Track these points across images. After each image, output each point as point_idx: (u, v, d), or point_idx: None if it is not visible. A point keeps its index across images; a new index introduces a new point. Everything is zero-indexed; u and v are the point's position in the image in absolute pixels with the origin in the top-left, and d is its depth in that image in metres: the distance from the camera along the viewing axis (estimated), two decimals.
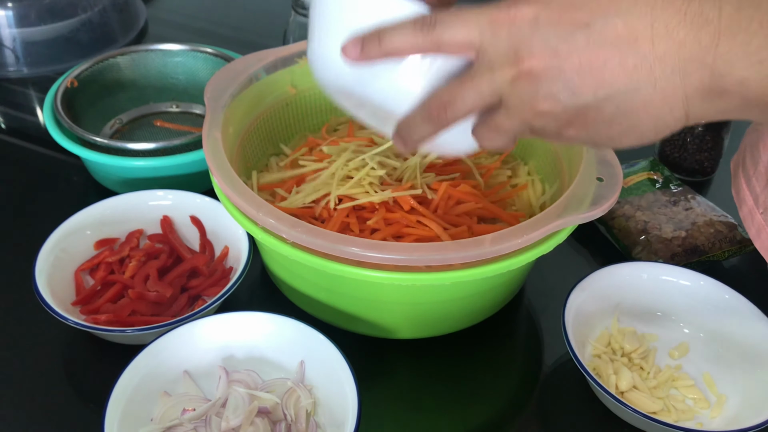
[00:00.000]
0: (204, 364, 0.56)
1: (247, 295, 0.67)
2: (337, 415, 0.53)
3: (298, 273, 0.60)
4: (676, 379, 0.60)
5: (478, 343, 0.63)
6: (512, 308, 0.67)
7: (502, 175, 0.71)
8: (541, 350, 0.64)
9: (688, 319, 0.63)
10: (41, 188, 0.77)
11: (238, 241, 0.64)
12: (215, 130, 0.61)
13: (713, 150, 0.81)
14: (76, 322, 0.56)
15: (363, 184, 0.63)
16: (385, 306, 0.59)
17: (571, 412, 0.59)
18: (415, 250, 0.51)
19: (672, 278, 0.63)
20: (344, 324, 0.61)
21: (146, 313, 0.61)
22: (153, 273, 0.63)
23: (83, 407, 0.57)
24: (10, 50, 0.94)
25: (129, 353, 0.53)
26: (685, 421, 0.56)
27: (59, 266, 0.62)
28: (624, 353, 0.61)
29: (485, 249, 0.51)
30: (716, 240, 0.69)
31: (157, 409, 0.54)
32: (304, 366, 0.56)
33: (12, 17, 0.93)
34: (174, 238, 0.67)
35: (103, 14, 0.99)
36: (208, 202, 0.67)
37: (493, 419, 0.59)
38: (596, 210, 0.55)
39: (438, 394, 0.60)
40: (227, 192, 0.56)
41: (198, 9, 1.14)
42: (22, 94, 0.94)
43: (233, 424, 0.52)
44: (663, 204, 0.73)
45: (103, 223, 0.66)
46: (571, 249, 0.73)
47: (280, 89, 0.72)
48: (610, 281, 0.62)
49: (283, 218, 0.53)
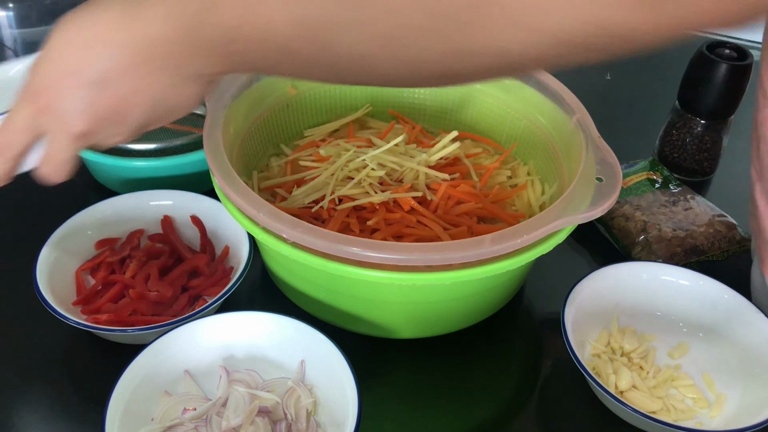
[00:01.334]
0: (204, 363, 0.56)
1: (247, 295, 0.67)
2: (338, 415, 0.53)
3: (298, 273, 0.60)
4: (675, 378, 0.60)
5: (478, 343, 0.64)
6: (512, 308, 0.67)
7: (502, 176, 0.71)
8: (540, 350, 0.64)
9: (688, 319, 0.63)
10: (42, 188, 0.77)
11: (239, 241, 0.64)
12: (216, 130, 0.61)
13: (712, 150, 0.81)
14: (77, 322, 0.56)
15: (363, 184, 0.63)
16: (385, 306, 0.59)
17: (570, 412, 0.59)
18: (415, 250, 0.51)
19: (671, 278, 0.63)
20: (344, 324, 0.62)
21: (147, 312, 0.61)
22: (154, 273, 0.64)
23: (84, 407, 0.57)
24: (10, 50, 0.95)
25: (129, 353, 0.53)
26: (684, 420, 0.57)
27: (60, 266, 0.62)
28: (623, 353, 0.61)
29: (485, 249, 0.51)
30: (715, 240, 0.69)
31: (157, 408, 0.54)
32: (304, 365, 0.56)
33: (13, 18, 0.93)
34: (175, 238, 0.67)
35: None
36: (209, 202, 0.67)
37: (493, 419, 0.59)
38: (596, 210, 0.55)
39: (438, 394, 0.60)
40: (227, 192, 0.56)
41: None
42: None
43: (234, 424, 0.52)
44: (662, 204, 0.73)
45: (104, 223, 0.66)
46: (571, 249, 0.73)
47: (281, 90, 0.72)
48: (609, 281, 0.62)
49: (284, 218, 0.53)
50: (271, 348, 0.57)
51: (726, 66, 0.74)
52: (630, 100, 0.98)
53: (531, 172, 0.72)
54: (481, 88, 0.74)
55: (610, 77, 1.01)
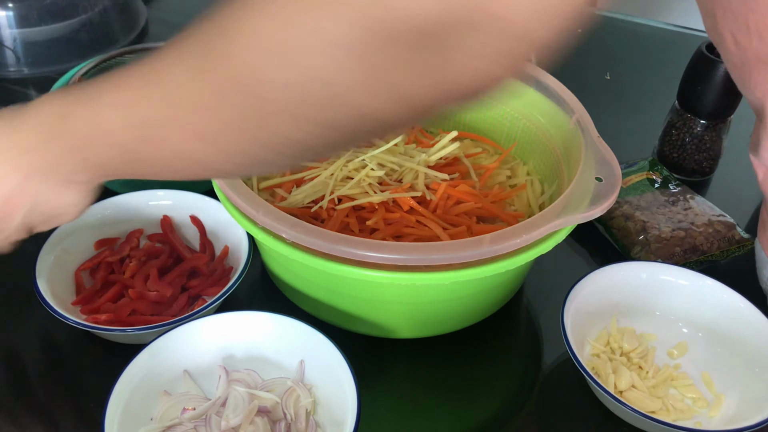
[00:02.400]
0: (204, 363, 0.56)
1: (247, 295, 0.67)
2: (337, 415, 0.53)
3: (297, 273, 0.60)
4: (674, 378, 0.60)
5: (477, 343, 0.64)
6: (511, 308, 0.67)
7: (501, 175, 0.71)
8: (540, 350, 0.64)
9: (687, 319, 0.63)
10: None
11: (238, 240, 0.64)
12: None
13: (712, 150, 0.81)
14: (77, 322, 0.57)
15: (362, 184, 0.63)
16: (385, 306, 0.59)
17: (570, 412, 0.59)
18: (415, 250, 0.51)
19: (671, 278, 0.63)
20: (344, 324, 0.62)
21: (146, 312, 0.61)
22: (153, 273, 0.64)
23: (83, 407, 0.57)
24: (10, 50, 0.95)
25: (129, 353, 0.53)
26: (683, 420, 0.57)
27: (60, 266, 0.62)
28: (623, 353, 0.61)
29: (484, 249, 0.52)
30: (715, 239, 0.69)
31: (157, 408, 0.54)
32: (303, 365, 0.56)
33: (13, 17, 0.93)
34: (174, 238, 0.67)
35: (104, 15, 1.00)
36: (208, 202, 0.67)
37: (493, 419, 0.59)
38: (595, 210, 0.55)
39: (438, 394, 0.60)
40: (227, 192, 0.56)
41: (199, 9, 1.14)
42: (22, 94, 0.94)
43: (233, 424, 0.52)
44: (662, 204, 0.73)
45: (104, 223, 0.67)
46: (570, 249, 0.73)
47: None
48: (608, 281, 0.62)
49: (283, 218, 0.53)
50: (270, 348, 0.57)
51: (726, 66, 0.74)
52: (630, 100, 0.98)
53: (530, 172, 0.72)
54: None
55: (610, 77, 1.01)
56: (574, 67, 1.05)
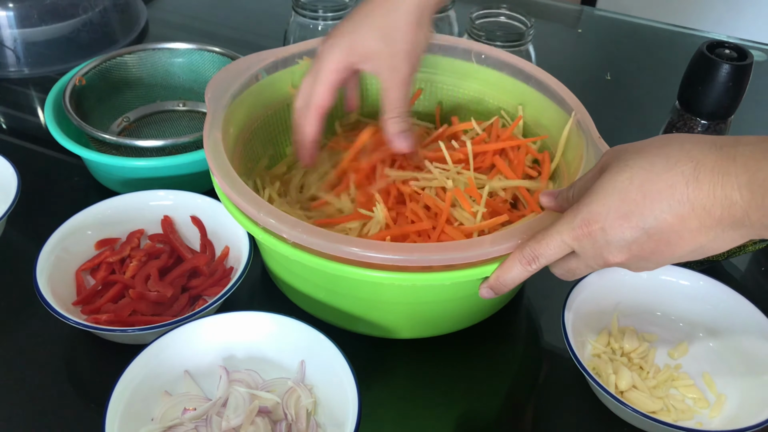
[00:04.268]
0: (205, 363, 0.56)
1: (247, 295, 0.67)
2: (338, 415, 0.53)
3: (298, 273, 0.60)
4: (675, 378, 0.60)
5: (478, 343, 0.64)
6: (512, 308, 0.67)
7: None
8: (540, 350, 0.64)
9: (688, 319, 0.63)
10: (42, 188, 0.77)
11: (239, 241, 0.64)
12: (216, 130, 0.61)
13: None
14: (77, 322, 0.57)
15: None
16: (385, 306, 0.59)
17: (570, 412, 0.59)
18: (415, 250, 0.51)
19: (671, 278, 0.63)
20: (344, 324, 0.62)
21: (147, 312, 0.61)
22: (154, 273, 0.64)
23: (84, 407, 0.58)
24: (11, 50, 0.95)
25: (129, 353, 0.53)
26: (684, 420, 0.57)
27: (60, 266, 0.62)
28: (623, 353, 0.61)
29: (485, 249, 0.52)
30: None
31: (157, 408, 0.54)
32: (304, 365, 0.56)
33: (13, 17, 0.93)
34: (175, 238, 0.67)
35: (104, 15, 1.00)
36: (209, 202, 0.67)
37: (493, 419, 0.59)
38: None
39: (438, 394, 0.60)
40: (227, 192, 0.56)
41: (199, 9, 1.14)
42: (23, 94, 0.94)
43: (234, 424, 0.52)
44: None
45: (104, 223, 0.67)
46: None
47: (281, 89, 0.72)
48: (609, 281, 0.62)
49: (284, 218, 0.53)
50: (271, 348, 0.57)
51: (726, 66, 0.74)
52: (630, 100, 0.98)
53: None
54: (483, 89, 0.74)
55: (610, 77, 1.01)
56: (574, 67, 1.05)
